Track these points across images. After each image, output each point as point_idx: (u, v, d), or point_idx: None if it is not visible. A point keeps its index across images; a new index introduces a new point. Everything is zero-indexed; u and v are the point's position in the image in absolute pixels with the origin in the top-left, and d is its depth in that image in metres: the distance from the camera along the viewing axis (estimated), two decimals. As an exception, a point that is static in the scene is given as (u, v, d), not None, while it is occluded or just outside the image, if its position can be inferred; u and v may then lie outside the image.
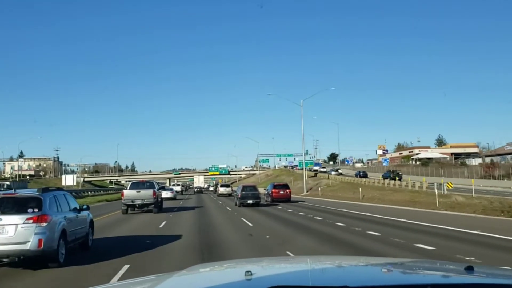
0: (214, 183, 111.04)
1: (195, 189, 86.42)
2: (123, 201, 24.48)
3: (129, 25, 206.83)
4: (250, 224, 17.52)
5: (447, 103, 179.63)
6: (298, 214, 22.99)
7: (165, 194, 40.03)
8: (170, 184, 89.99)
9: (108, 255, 10.11)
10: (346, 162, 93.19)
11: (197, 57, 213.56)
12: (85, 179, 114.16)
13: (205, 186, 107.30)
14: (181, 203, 37.63)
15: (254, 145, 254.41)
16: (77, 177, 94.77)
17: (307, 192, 53.87)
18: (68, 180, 65.08)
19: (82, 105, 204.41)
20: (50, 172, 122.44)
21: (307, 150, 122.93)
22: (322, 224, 17.42)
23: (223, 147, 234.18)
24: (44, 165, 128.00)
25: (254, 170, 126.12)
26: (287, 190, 35.76)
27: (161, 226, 17.38)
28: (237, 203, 30.32)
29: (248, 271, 2.01)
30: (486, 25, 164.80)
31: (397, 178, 53.56)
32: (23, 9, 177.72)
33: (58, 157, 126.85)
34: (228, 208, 29.44)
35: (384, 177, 56.44)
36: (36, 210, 8.51)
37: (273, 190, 35.32)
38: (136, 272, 7.76)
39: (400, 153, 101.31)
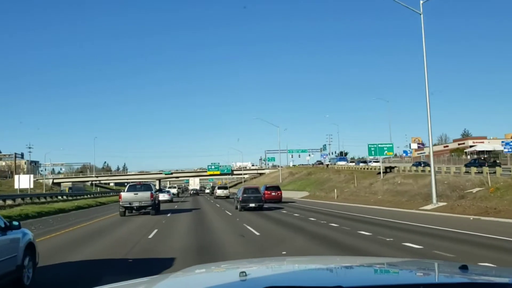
0: (211, 185, 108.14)
1: (191, 191, 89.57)
2: (121, 203, 25.16)
3: (127, 27, 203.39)
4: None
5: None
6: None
7: (162, 196, 39.66)
8: (159, 186, 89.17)
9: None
10: (404, 154, 74.97)
11: (193, 57, 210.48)
12: (55, 181, 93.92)
13: (201, 187, 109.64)
14: (176, 206, 37.12)
15: (258, 142, 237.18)
16: (37, 179, 76.71)
17: (437, 202, 27.04)
18: (23, 182, 53.92)
19: (73, 106, 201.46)
20: (11, 172, 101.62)
21: (324, 145, 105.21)
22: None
23: (223, 144, 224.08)
24: (4, 164, 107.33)
25: (263, 169, 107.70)
26: (278, 192, 40.29)
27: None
28: (238, 206, 28.49)
29: (242, 272, 2.05)
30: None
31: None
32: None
33: (22, 154, 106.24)
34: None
35: (472, 166, 41.34)
36: None
37: (265, 191, 36.68)
38: None
39: (445, 146, 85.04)
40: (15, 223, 7.44)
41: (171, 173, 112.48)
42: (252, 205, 27.45)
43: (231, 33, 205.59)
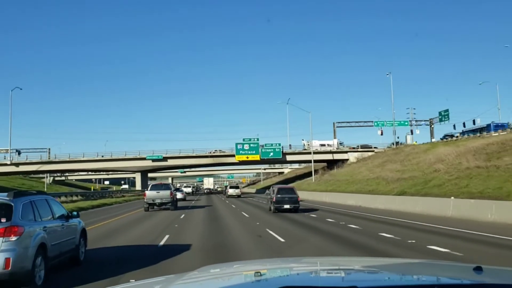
0: (226, 184, 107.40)
1: (205, 190, 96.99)
2: (145, 200, 31.48)
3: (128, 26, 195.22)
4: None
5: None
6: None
7: None
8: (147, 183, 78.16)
9: (103, 271, 9.52)
10: None
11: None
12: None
13: (215, 187, 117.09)
14: (193, 202, 44.29)
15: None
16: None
17: None
18: None
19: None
20: None
21: (444, 112, 58.38)
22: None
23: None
24: None
25: (340, 151, 59.78)
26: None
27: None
28: (271, 208, 29.30)
29: (257, 272, 2.17)
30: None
31: None
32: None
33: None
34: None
35: None
36: (3, 220, 7.56)
37: None
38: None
39: None
40: (75, 213, 10.63)
41: (163, 158, 65.40)
42: (286, 206, 27.99)
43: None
